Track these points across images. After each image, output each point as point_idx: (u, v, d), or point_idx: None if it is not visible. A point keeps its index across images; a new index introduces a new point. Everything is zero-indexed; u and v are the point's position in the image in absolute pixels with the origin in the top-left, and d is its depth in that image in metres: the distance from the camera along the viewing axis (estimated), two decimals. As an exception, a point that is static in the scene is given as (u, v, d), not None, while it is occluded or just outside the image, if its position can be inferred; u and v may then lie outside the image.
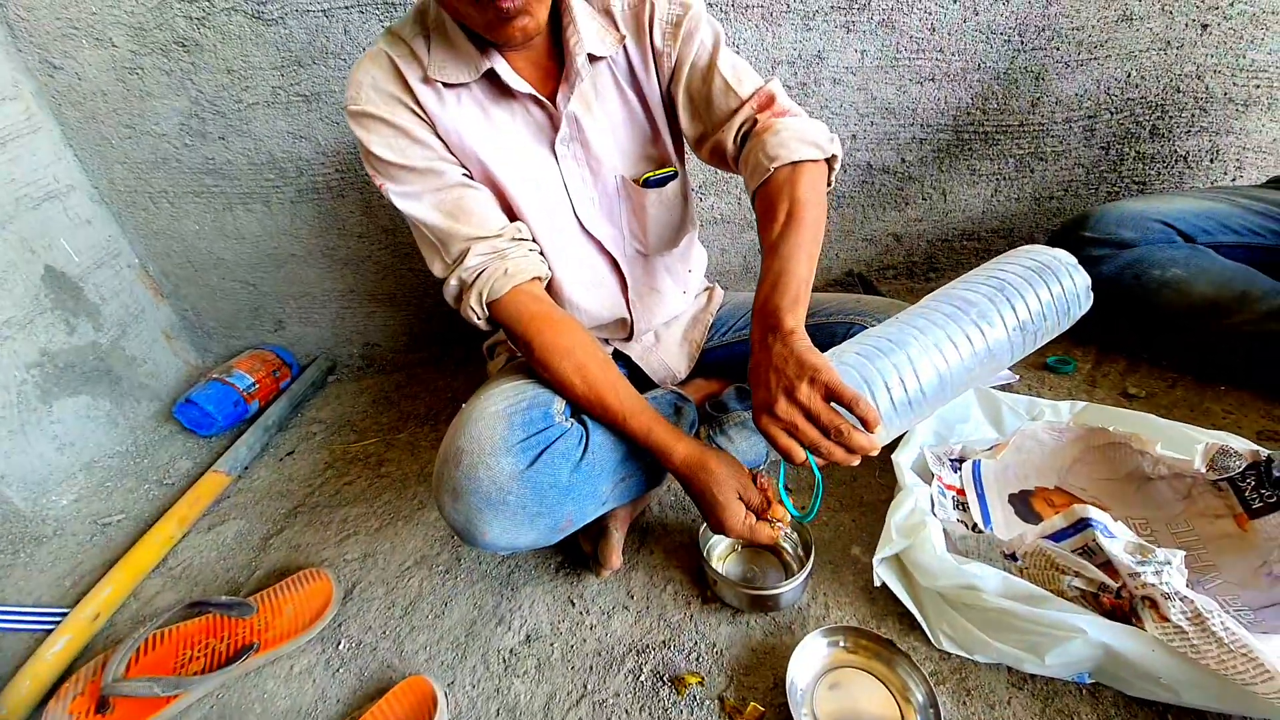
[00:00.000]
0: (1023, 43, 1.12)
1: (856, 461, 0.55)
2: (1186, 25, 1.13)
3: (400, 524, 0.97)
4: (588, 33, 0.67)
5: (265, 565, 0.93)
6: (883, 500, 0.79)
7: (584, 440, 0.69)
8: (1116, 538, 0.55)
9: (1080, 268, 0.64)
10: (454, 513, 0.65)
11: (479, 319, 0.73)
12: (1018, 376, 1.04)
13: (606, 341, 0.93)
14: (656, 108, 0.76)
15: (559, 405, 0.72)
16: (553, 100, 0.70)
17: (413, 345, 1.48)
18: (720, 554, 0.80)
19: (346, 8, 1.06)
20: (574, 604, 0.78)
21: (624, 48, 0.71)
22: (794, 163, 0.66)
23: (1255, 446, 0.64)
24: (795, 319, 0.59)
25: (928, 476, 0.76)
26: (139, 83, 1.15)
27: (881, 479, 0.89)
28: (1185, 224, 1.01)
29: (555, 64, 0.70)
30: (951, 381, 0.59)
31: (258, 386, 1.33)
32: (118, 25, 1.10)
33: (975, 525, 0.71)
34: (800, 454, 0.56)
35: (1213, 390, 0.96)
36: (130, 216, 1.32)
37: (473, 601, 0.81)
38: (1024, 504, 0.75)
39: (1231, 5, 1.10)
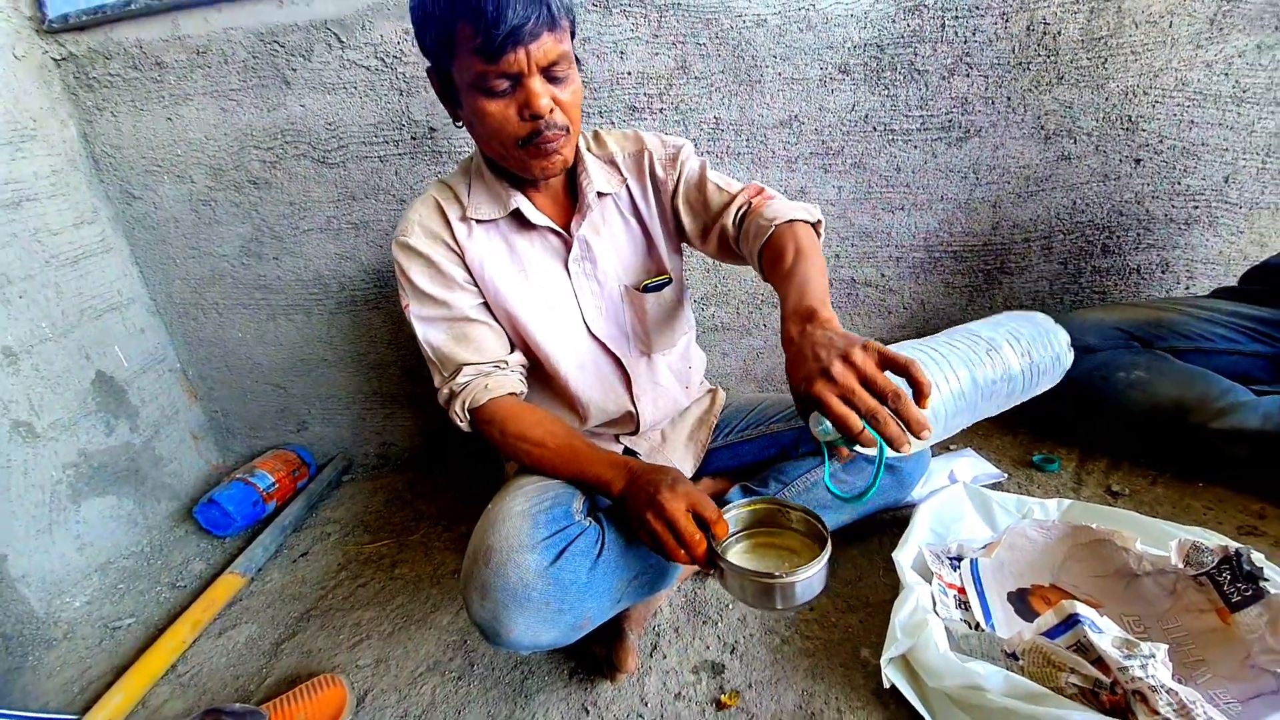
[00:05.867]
0: (978, 179, 1.30)
1: (908, 449, 0.54)
2: (1120, 161, 1.30)
3: (413, 628, 0.98)
4: (597, 176, 0.86)
5: (277, 671, 0.92)
6: (887, 600, 0.81)
7: (600, 538, 0.74)
8: (1104, 633, 0.59)
9: (1056, 324, 0.73)
10: (480, 610, 0.68)
11: (461, 421, 0.85)
12: (1006, 475, 1.09)
13: (617, 438, 1.00)
14: (654, 229, 0.92)
15: (577, 504, 0.78)
16: (566, 229, 0.86)
17: (428, 446, 1.54)
18: (734, 552, 0.72)
19: (399, 155, 1.25)
20: (588, 711, 0.78)
21: (626, 186, 0.90)
22: (789, 221, 0.79)
23: (1225, 541, 0.69)
24: (828, 312, 0.62)
25: (928, 575, 0.80)
26: (210, 212, 1.32)
27: (885, 578, 0.91)
28: (1141, 331, 1.11)
29: (569, 200, 0.88)
30: (982, 393, 0.62)
31: (277, 486, 1.37)
32: (199, 166, 1.28)
33: (977, 624, 0.74)
34: (857, 422, 0.53)
35: (1192, 487, 1.01)
36: (180, 325, 1.44)
37: (486, 710, 0.81)
38: (1023, 602, 0.78)
39: (1161, 142, 1.26)
